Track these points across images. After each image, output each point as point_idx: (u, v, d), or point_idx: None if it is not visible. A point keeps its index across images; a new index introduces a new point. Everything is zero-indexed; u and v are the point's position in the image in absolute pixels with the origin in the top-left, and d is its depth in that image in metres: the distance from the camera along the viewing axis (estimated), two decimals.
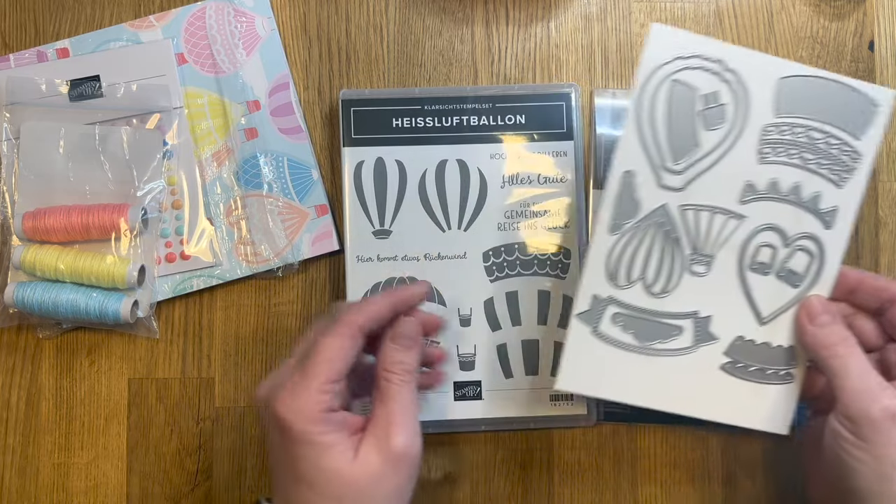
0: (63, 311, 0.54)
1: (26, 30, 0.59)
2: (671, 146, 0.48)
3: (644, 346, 0.49)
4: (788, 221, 0.48)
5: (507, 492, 0.57)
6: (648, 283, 0.49)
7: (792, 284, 0.49)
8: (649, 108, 0.47)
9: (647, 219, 0.48)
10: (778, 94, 0.48)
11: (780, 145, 0.48)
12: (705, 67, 0.47)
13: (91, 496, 0.57)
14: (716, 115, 0.47)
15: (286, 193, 0.57)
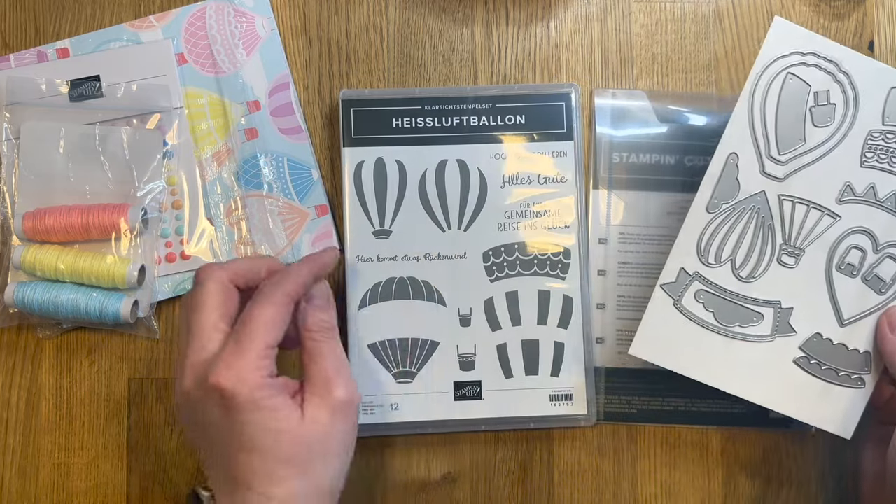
0: (63, 311, 0.54)
1: (26, 30, 0.59)
2: (778, 136, 0.49)
3: (723, 327, 0.50)
4: (882, 227, 0.50)
5: (507, 492, 0.57)
6: (737, 266, 0.50)
7: (878, 291, 0.50)
8: (762, 96, 0.49)
9: (746, 202, 0.50)
10: (888, 102, 0.49)
11: (883, 152, 0.49)
12: (820, 66, 0.49)
13: (91, 496, 0.57)
14: (825, 113, 0.49)
15: (286, 193, 0.57)
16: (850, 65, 0.49)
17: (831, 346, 0.50)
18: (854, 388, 0.51)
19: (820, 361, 0.50)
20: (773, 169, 0.49)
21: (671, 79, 0.59)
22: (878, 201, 0.50)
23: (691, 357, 0.50)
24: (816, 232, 0.50)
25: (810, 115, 0.49)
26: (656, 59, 0.59)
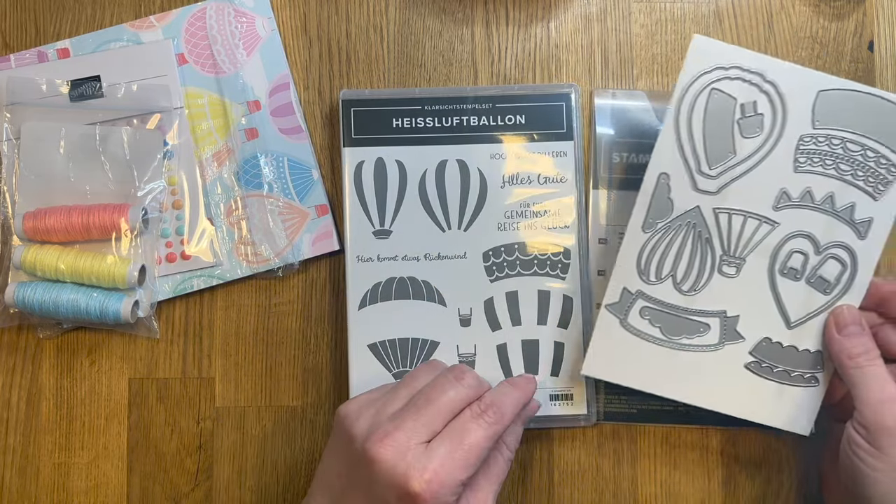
0: (63, 311, 0.54)
1: (27, 30, 0.59)
2: (708, 152, 0.49)
3: (671, 340, 0.51)
4: (821, 230, 0.50)
5: (507, 492, 0.57)
6: (678, 281, 0.50)
7: (822, 291, 0.50)
8: (687, 114, 0.49)
9: (680, 219, 0.50)
10: (816, 107, 0.49)
11: (815, 155, 0.49)
12: (744, 78, 0.49)
13: (91, 496, 0.57)
14: (753, 124, 0.49)
15: (286, 193, 0.57)
16: (775, 74, 0.49)
17: (781, 348, 0.51)
18: (808, 386, 0.51)
19: (772, 364, 0.51)
20: (705, 184, 0.50)
21: (671, 79, 0.59)
22: (815, 204, 0.50)
23: (643, 372, 0.51)
24: (755, 240, 0.50)
25: (738, 128, 0.49)
26: (656, 59, 0.59)
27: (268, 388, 0.57)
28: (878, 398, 0.47)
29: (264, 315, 0.57)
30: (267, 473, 0.57)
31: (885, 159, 0.49)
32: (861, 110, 0.49)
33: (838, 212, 0.50)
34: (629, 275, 0.51)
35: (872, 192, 0.49)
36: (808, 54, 0.59)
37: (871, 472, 0.46)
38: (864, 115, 0.49)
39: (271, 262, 0.57)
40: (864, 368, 0.48)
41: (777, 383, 0.51)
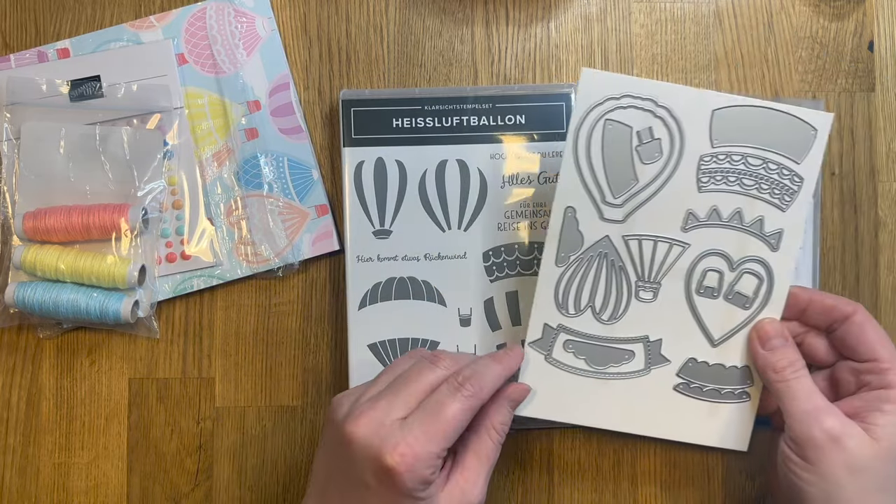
0: (63, 311, 0.54)
1: (27, 30, 0.59)
2: (610, 181, 0.49)
3: (597, 371, 0.51)
4: (733, 246, 0.50)
5: (507, 492, 0.57)
6: (597, 311, 0.51)
7: (742, 307, 0.50)
8: (585, 147, 0.49)
9: (591, 250, 0.50)
10: (712, 125, 0.49)
11: (718, 173, 0.49)
12: (637, 105, 0.49)
13: (91, 496, 0.57)
14: (652, 150, 0.49)
15: (286, 193, 0.57)
16: (667, 98, 0.48)
17: (708, 367, 0.51)
18: (740, 402, 0.51)
19: (700, 384, 0.51)
20: (611, 213, 0.49)
21: (671, 79, 0.59)
22: (723, 222, 0.50)
23: (575, 405, 0.51)
24: (668, 263, 0.50)
25: (637, 155, 0.49)
26: (656, 59, 0.59)
27: (268, 388, 0.57)
28: (805, 410, 0.47)
29: (264, 315, 0.57)
30: (267, 473, 0.57)
31: (787, 170, 0.49)
32: (757, 124, 0.49)
33: (748, 227, 0.50)
34: (548, 310, 0.51)
35: (779, 203, 0.49)
36: (808, 54, 0.59)
37: (805, 486, 0.46)
38: (761, 128, 0.49)
39: (271, 262, 0.57)
40: (789, 381, 0.48)
41: (708, 402, 0.51)
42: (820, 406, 0.47)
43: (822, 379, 0.51)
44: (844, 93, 0.59)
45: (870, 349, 0.48)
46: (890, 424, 0.46)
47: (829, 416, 0.46)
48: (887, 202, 0.58)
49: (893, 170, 0.58)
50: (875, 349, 0.48)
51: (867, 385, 0.48)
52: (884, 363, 0.47)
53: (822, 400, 0.47)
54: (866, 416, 0.47)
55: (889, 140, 0.58)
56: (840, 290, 0.57)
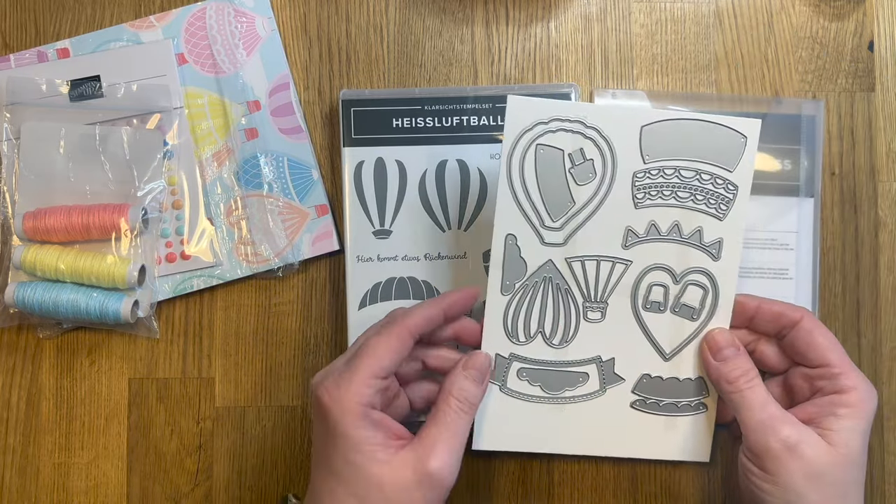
0: (63, 311, 0.54)
1: (27, 30, 0.59)
2: (547, 205, 0.49)
3: (553, 396, 0.51)
4: (675, 259, 0.50)
5: (507, 492, 0.57)
6: (547, 336, 0.51)
7: (689, 318, 0.51)
8: (519, 173, 0.49)
9: (536, 275, 0.50)
10: (642, 142, 0.49)
11: (652, 188, 0.49)
12: (566, 128, 0.49)
13: (91, 496, 0.57)
14: (585, 171, 0.49)
15: (286, 193, 0.57)
16: (595, 119, 0.48)
17: (662, 382, 0.51)
18: (698, 413, 0.51)
19: (657, 399, 0.51)
20: (551, 237, 0.50)
21: (671, 79, 0.59)
22: (662, 236, 0.50)
23: (536, 433, 0.51)
24: (612, 281, 0.50)
25: (572, 177, 0.49)
26: (656, 59, 0.59)
27: (268, 388, 0.57)
28: (760, 420, 0.46)
29: (264, 315, 0.57)
30: (267, 473, 0.57)
31: (720, 179, 0.49)
32: (687, 136, 0.49)
33: (687, 238, 0.50)
34: (499, 340, 0.50)
35: (716, 212, 0.49)
36: (808, 54, 0.59)
37: (765, 496, 0.46)
38: (691, 140, 0.49)
39: (271, 262, 0.57)
40: (743, 392, 0.48)
41: (666, 416, 0.51)
42: (775, 415, 0.46)
43: (776, 385, 0.51)
44: (844, 93, 0.59)
45: (820, 354, 0.48)
46: (845, 429, 0.46)
47: (784, 424, 0.46)
48: (887, 202, 0.58)
49: (893, 170, 0.58)
50: (825, 354, 0.48)
51: (821, 390, 0.48)
52: (835, 368, 0.47)
53: (777, 409, 0.47)
54: (822, 422, 0.46)
55: (889, 140, 0.58)
56: (840, 290, 0.57)
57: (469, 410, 0.47)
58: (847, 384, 0.47)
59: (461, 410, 0.47)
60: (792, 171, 0.57)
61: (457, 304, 0.49)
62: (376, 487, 0.44)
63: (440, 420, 0.46)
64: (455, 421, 0.46)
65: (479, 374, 0.48)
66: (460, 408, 0.47)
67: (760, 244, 0.57)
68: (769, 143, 0.57)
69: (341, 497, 0.44)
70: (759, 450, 0.46)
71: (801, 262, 0.56)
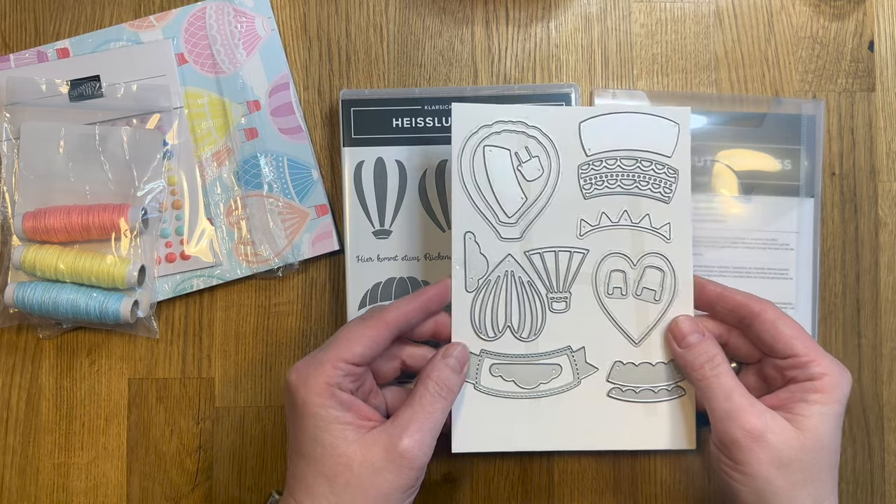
0: (63, 311, 0.54)
1: (26, 30, 0.59)
2: (501, 203, 0.51)
3: (529, 390, 0.51)
4: (629, 244, 0.51)
5: (507, 492, 0.57)
6: (516, 330, 0.51)
7: (652, 301, 0.51)
8: (471, 174, 0.51)
9: (497, 270, 0.51)
10: (582, 137, 0.51)
11: (597, 179, 0.51)
12: (509, 129, 0.51)
13: (91, 496, 0.57)
14: (532, 167, 0.51)
15: (286, 193, 0.57)
16: (535, 119, 0.51)
17: (635, 368, 0.51)
18: (676, 398, 0.51)
19: (633, 386, 0.51)
20: (508, 232, 0.51)
21: (671, 79, 0.59)
22: (613, 223, 0.51)
23: (514, 431, 0.51)
24: (572, 271, 0.51)
25: (520, 174, 0.51)
26: (656, 59, 0.59)
27: (268, 388, 0.57)
28: (725, 409, 0.46)
29: (264, 315, 0.57)
30: (267, 473, 0.57)
31: (660, 165, 0.51)
32: (623, 128, 0.51)
33: (637, 224, 0.51)
34: (468, 338, 0.51)
35: (662, 196, 0.51)
36: (809, 54, 0.59)
37: (736, 485, 0.46)
38: (628, 131, 0.51)
39: (271, 262, 0.57)
40: (708, 380, 0.48)
41: (644, 403, 0.51)
42: (739, 404, 0.46)
43: (752, 375, 0.51)
44: (844, 93, 0.59)
45: (786, 345, 0.48)
46: (815, 414, 0.46)
47: (749, 414, 0.46)
48: (887, 202, 0.58)
49: (893, 170, 0.58)
50: (791, 344, 0.48)
51: (793, 379, 0.48)
52: (803, 357, 0.47)
53: (744, 397, 0.47)
54: (792, 407, 0.46)
55: (889, 140, 0.58)
56: (840, 290, 0.57)
57: (446, 396, 0.47)
58: (817, 371, 0.47)
59: (438, 394, 0.47)
60: (792, 171, 0.57)
61: (435, 298, 0.50)
62: (345, 466, 0.43)
63: (416, 402, 0.46)
64: (431, 403, 0.46)
65: (457, 363, 0.48)
66: (437, 391, 0.47)
67: (760, 244, 0.57)
68: (769, 143, 0.57)
69: (310, 478, 0.44)
70: (726, 439, 0.46)
71: (801, 262, 0.57)
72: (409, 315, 0.48)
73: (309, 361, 0.45)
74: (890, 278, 0.58)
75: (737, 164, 0.57)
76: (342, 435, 0.44)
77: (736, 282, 0.56)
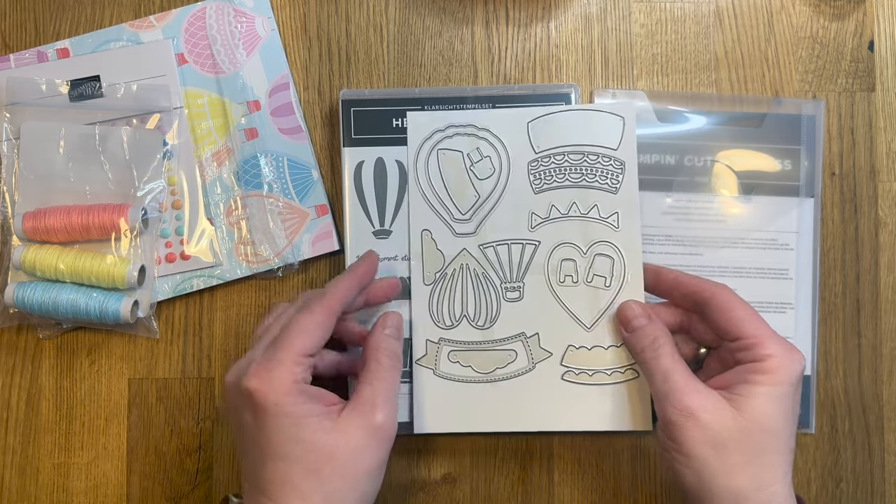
0: (63, 311, 0.54)
1: (26, 30, 0.59)
2: (455, 201, 0.55)
3: (486, 375, 0.54)
4: (579, 234, 0.54)
5: (507, 492, 0.57)
6: (472, 318, 0.54)
7: (603, 287, 0.54)
8: (426, 176, 0.55)
9: (454, 263, 0.54)
10: (530, 136, 0.55)
11: (546, 174, 0.54)
12: (461, 132, 0.55)
13: (91, 496, 0.57)
14: (484, 166, 0.55)
15: (286, 193, 0.57)
16: (485, 121, 0.55)
17: (588, 351, 0.54)
18: (630, 380, 0.53)
19: (586, 370, 0.53)
20: (463, 228, 0.55)
21: (671, 79, 0.59)
22: (563, 215, 0.54)
23: (472, 413, 0.54)
24: (525, 262, 0.54)
25: (473, 174, 0.55)
26: (656, 59, 0.59)
27: None
28: (663, 390, 0.47)
29: (264, 315, 0.57)
30: None
31: (606, 157, 0.54)
32: (570, 125, 0.54)
33: (586, 215, 0.54)
34: (427, 327, 0.54)
35: (609, 187, 0.54)
36: (809, 54, 0.59)
37: (678, 466, 0.46)
38: (575, 127, 0.54)
39: (271, 262, 0.57)
40: (649, 362, 0.49)
41: (598, 386, 0.53)
42: (675, 384, 0.46)
43: (714, 359, 0.51)
44: (844, 93, 0.59)
45: (735, 327, 0.48)
46: (754, 395, 0.46)
47: (683, 394, 0.46)
48: (887, 202, 0.58)
49: (893, 170, 0.58)
50: (740, 327, 0.48)
51: (740, 361, 0.48)
52: (749, 339, 0.47)
53: (680, 377, 0.47)
54: (735, 388, 0.46)
55: (889, 140, 0.58)
56: (840, 290, 0.57)
57: (398, 365, 0.49)
58: (763, 353, 0.46)
59: (391, 365, 0.48)
60: (792, 171, 0.57)
61: (367, 272, 0.52)
62: (328, 456, 0.44)
63: (375, 377, 0.47)
64: (390, 376, 0.48)
65: (396, 331, 0.51)
66: (391, 364, 0.48)
67: (760, 244, 0.57)
68: (769, 143, 0.57)
69: (297, 478, 0.43)
70: (664, 420, 0.46)
71: (801, 262, 0.57)
72: (348, 295, 0.49)
73: (266, 365, 0.44)
74: (890, 278, 0.58)
75: (737, 164, 0.57)
76: (320, 427, 0.44)
77: (735, 282, 0.56)
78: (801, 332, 0.56)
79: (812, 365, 0.57)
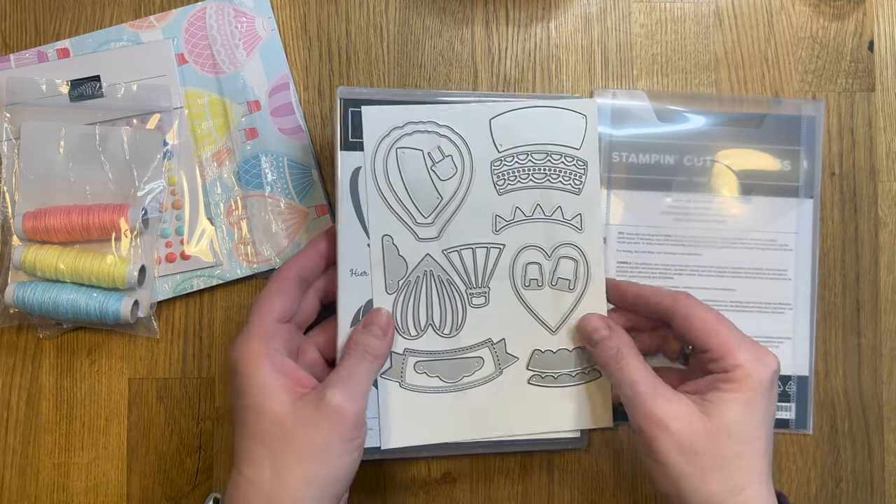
0: (63, 311, 0.54)
1: (26, 30, 0.59)
2: (417, 203, 0.52)
3: (453, 384, 0.53)
4: (543, 237, 0.53)
5: (507, 492, 0.57)
6: (437, 327, 0.52)
7: (567, 289, 0.53)
8: (384, 176, 0.52)
9: (417, 270, 0.52)
10: (493, 134, 0.52)
11: (509, 174, 0.52)
12: (420, 130, 0.52)
13: (91, 496, 0.57)
14: (446, 166, 0.52)
15: (286, 193, 0.57)
16: (446, 118, 0.52)
17: (553, 354, 0.53)
18: (593, 380, 0.53)
19: (552, 373, 0.53)
20: (425, 233, 0.52)
21: (671, 79, 0.59)
22: (527, 217, 0.53)
23: (442, 424, 0.52)
24: (490, 266, 0.53)
25: (434, 174, 0.52)
26: (656, 59, 0.59)
27: None
28: (631, 399, 0.47)
29: None
30: None
31: (569, 157, 0.53)
32: (533, 123, 0.52)
33: (550, 216, 0.53)
34: None
35: (572, 188, 0.53)
36: (808, 54, 0.59)
37: (653, 473, 0.47)
38: (538, 125, 0.52)
39: (271, 262, 0.57)
40: (614, 373, 0.49)
41: (563, 388, 0.53)
42: (642, 393, 0.47)
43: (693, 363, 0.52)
44: (844, 93, 0.59)
45: (700, 339, 0.48)
46: (724, 401, 0.46)
47: (651, 402, 0.46)
48: (887, 202, 0.58)
49: (893, 170, 0.58)
50: (704, 339, 0.48)
51: (710, 371, 0.48)
52: (715, 352, 0.47)
53: (647, 386, 0.47)
54: (706, 395, 0.47)
55: (889, 140, 0.58)
56: (840, 290, 0.57)
57: (368, 359, 0.48)
58: (731, 363, 0.47)
59: (362, 359, 0.48)
60: (792, 171, 0.57)
61: (327, 244, 0.52)
62: (280, 427, 0.45)
63: (342, 366, 0.48)
64: (357, 365, 0.48)
65: (379, 330, 0.50)
66: (361, 356, 0.48)
67: (760, 245, 0.57)
68: (769, 143, 0.57)
69: (255, 448, 0.45)
70: (636, 428, 0.47)
71: (800, 262, 0.57)
72: (305, 262, 0.50)
73: (241, 338, 0.47)
74: (890, 278, 0.58)
75: (736, 164, 0.57)
76: (278, 398, 0.45)
77: (735, 282, 0.56)
78: (800, 333, 0.56)
79: (811, 365, 0.57)
